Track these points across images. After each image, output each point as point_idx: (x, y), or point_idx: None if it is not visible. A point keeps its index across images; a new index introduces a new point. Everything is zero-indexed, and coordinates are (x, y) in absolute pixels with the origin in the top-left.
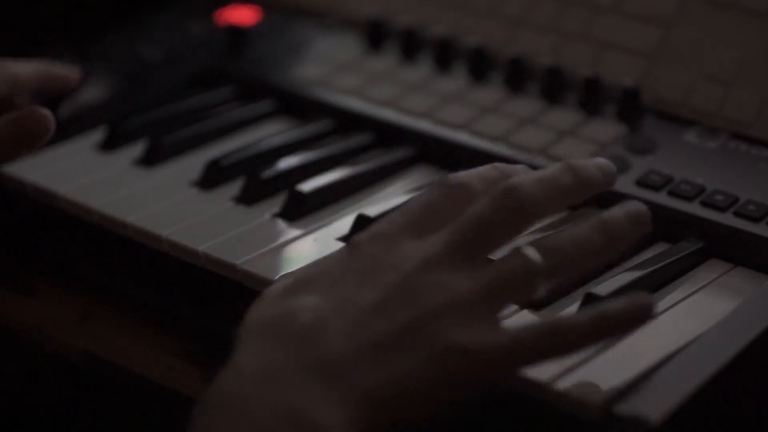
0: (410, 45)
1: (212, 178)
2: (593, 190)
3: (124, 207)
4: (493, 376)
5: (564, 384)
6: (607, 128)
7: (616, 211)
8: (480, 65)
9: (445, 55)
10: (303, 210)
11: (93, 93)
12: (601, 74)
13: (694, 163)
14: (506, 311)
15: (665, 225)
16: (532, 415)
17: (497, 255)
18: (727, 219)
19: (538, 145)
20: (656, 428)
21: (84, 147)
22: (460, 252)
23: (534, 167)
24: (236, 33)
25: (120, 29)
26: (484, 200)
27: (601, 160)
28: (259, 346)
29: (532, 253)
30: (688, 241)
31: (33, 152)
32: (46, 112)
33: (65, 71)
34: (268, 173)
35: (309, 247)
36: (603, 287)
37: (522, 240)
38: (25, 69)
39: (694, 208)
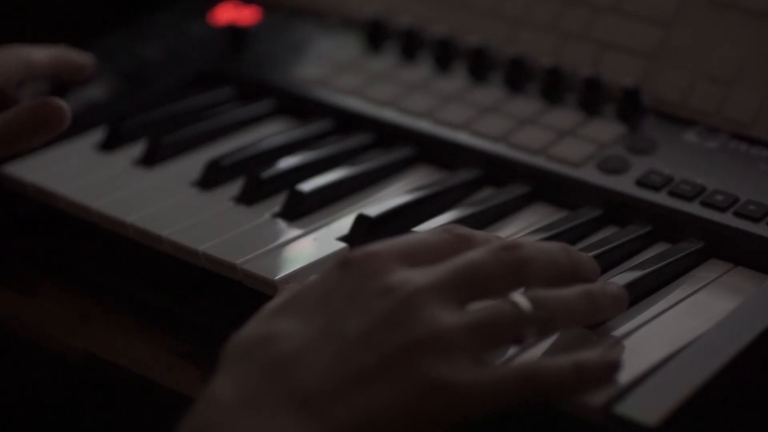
0: (410, 45)
1: (212, 178)
2: (583, 276)
3: (124, 207)
4: (470, 412)
5: None
6: (607, 128)
7: (602, 287)
8: (480, 65)
9: (445, 55)
10: (303, 210)
11: (93, 93)
12: (601, 74)
13: (694, 163)
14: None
15: (665, 225)
16: (532, 415)
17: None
18: (727, 219)
19: (538, 145)
20: (656, 429)
21: (84, 147)
22: (450, 290)
23: (534, 167)
24: (236, 33)
25: (120, 29)
26: (483, 249)
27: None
28: (237, 371)
29: (523, 302)
30: (688, 241)
31: (46, 141)
32: (63, 103)
33: (81, 58)
34: (268, 173)
35: (309, 247)
36: None
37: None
38: (41, 54)
39: (694, 208)
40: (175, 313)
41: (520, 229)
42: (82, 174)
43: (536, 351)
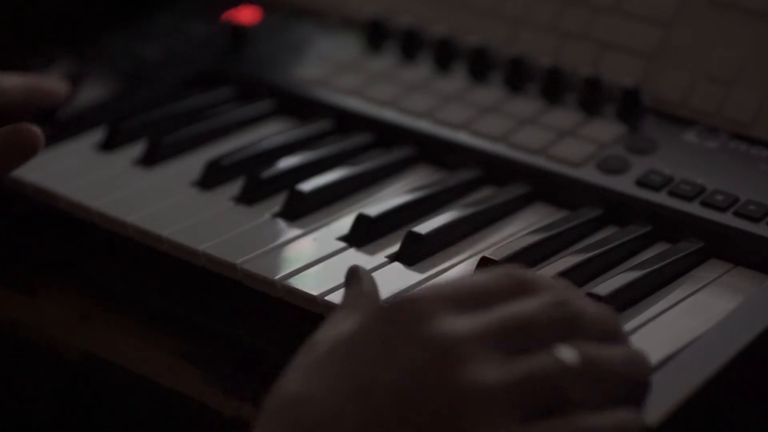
0: (410, 45)
1: (212, 178)
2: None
3: (124, 207)
4: None
5: None
6: (607, 128)
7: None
8: (480, 65)
9: (445, 55)
10: (303, 210)
11: (93, 93)
12: (601, 74)
13: (694, 163)
14: None
15: (665, 225)
16: None
17: None
18: (727, 219)
19: (538, 145)
20: (656, 429)
21: (84, 147)
22: (495, 339)
23: (534, 167)
24: (236, 33)
25: (120, 29)
26: (534, 301)
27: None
28: (270, 426)
29: (570, 355)
30: (688, 241)
31: (20, 166)
32: (34, 128)
33: (53, 85)
34: (268, 173)
35: (309, 247)
36: (603, 287)
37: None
38: (11, 83)
39: (694, 208)
40: (175, 313)
41: (520, 229)
42: (82, 174)
43: None
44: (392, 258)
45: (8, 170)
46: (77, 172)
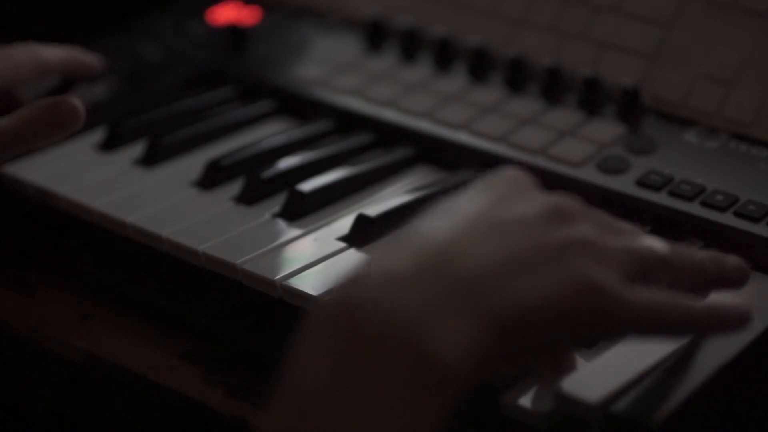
0: (410, 45)
1: (212, 178)
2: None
3: (124, 207)
4: (619, 327)
5: (563, 384)
6: (607, 128)
7: (734, 258)
8: (480, 65)
9: (445, 55)
10: (303, 210)
11: (94, 92)
12: (601, 74)
13: (694, 163)
14: None
15: (665, 225)
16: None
17: None
18: (727, 219)
19: (538, 145)
20: (656, 429)
21: (84, 147)
22: (602, 224)
23: (534, 167)
24: (236, 33)
25: (120, 29)
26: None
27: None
28: (393, 252)
29: (661, 246)
30: (688, 241)
31: (59, 140)
32: (77, 102)
33: (90, 58)
34: (268, 173)
35: (309, 247)
36: None
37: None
38: (53, 53)
39: (694, 208)
40: (175, 313)
41: None
42: (82, 174)
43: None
44: None
45: (48, 143)
46: (77, 172)
